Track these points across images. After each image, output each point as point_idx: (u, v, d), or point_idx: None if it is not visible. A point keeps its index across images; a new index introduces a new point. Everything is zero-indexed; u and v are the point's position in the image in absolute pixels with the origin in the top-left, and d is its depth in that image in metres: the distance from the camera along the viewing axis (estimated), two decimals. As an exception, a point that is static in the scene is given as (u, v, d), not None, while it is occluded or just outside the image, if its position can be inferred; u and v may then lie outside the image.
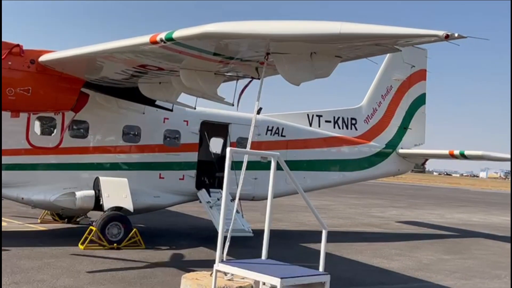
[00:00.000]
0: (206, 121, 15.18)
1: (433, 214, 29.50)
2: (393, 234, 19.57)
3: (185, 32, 7.94)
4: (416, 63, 20.26)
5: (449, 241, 18.74)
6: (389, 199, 39.85)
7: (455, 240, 19.00)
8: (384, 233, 19.55)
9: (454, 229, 22.46)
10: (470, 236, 20.57)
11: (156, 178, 14.25)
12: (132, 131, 14.04)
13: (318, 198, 31.47)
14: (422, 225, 23.28)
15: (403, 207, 33.06)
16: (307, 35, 7.17)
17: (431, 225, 23.38)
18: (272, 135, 16.34)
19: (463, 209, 36.17)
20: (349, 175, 18.45)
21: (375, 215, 26.26)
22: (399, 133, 19.99)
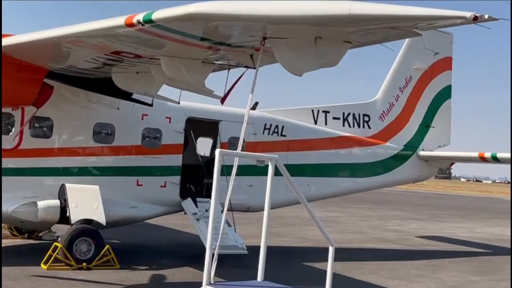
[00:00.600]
0: (192, 118, 15.18)
1: (460, 228, 29.55)
2: (412, 251, 19.59)
3: (166, 13, 7.90)
4: (440, 50, 20.31)
5: (479, 259, 18.78)
6: (408, 210, 39.90)
7: (486, 258, 19.04)
8: (402, 250, 19.57)
9: (484, 245, 22.51)
10: (503, 253, 20.60)
11: (133, 185, 14.24)
12: (104, 129, 14.02)
13: (325, 209, 31.49)
14: (446, 240, 23.32)
15: (425, 220, 33.10)
16: (311, 17, 7.16)
17: (457, 241, 23.42)
18: (270, 135, 16.35)
19: (495, 221, 36.26)
20: (361, 182, 18.48)
21: (391, 229, 26.28)
22: (420, 132, 20.04)
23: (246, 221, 19.41)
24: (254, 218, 17.12)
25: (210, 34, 8.48)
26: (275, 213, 23.26)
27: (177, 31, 8.37)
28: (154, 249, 15.95)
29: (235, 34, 8.35)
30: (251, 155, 9.69)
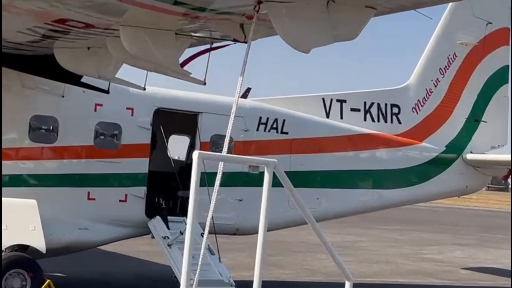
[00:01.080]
0: (162, 109, 15.20)
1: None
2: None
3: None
4: (494, 19, 20.38)
5: (545, 298, 18.84)
6: (451, 233, 39.98)
7: (555, 297, 19.10)
8: (445, 287, 19.60)
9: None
10: None
11: (82, 199, 14.25)
12: (44, 124, 14.03)
13: (340, 231, 31.53)
14: (503, 273, 23.38)
15: (474, 246, 33.19)
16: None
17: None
18: (267, 132, 16.37)
19: None
20: (389, 195, 18.51)
21: (429, 258, 26.33)
22: (467, 128, 20.11)
23: (235, 247, 19.39)
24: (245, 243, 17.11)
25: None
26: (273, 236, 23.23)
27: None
28: (111, 285, 15.92)
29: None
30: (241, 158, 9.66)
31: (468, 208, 77.57)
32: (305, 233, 24.56)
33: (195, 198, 6.64)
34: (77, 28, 10.49)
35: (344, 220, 25.34)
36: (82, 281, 15.95)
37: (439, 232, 39.62)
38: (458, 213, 63.86)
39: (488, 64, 20.54)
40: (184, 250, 6.76)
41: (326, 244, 7.40)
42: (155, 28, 9.84)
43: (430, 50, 19.97)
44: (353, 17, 8.24)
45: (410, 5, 8.25)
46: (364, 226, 36.99)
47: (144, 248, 19.98)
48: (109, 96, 14.12)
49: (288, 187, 7.12)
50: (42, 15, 10.01)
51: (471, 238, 37.51)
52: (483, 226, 48.70)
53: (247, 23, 9.11)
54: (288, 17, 8.19)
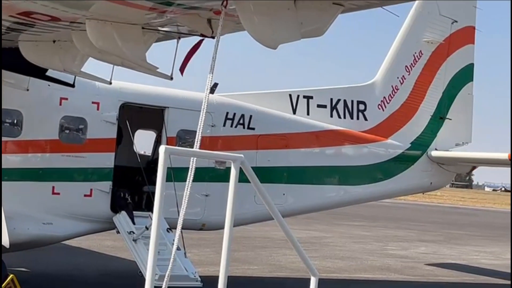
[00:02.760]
0: (128, 103, 15.15)
1: (484, 253, 30.01)
2: (422, 283, 19.82)
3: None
4: (460, 17, 20.57)
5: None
6: (415, 229, 40.35)
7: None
8: (408, 282, 19.78)
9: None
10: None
11: (46, 193, 14.17)
12: (8, 118, 13.91)
13: (306, 227, 31.65)
14: (466, 269, 23.66)
15: (438, 242, 33.51)
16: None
17: (480, 270, 23.77)
18: (233, 127, 16.38)
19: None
20: (354, 191, 18.63)
21: (393, 254, 26.56)
22: (432, 125, 20.29)
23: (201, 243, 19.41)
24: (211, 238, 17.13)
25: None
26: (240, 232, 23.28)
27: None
28: (76, 280, 15.84)
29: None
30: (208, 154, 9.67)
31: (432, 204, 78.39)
32: (271, 229, 24.66)
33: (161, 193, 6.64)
34: (43, 21, 10.41)
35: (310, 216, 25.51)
36: (47, 276, 15.84)
37: (404, 229, 39.96)
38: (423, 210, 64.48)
39: (453, 62, 20.72)
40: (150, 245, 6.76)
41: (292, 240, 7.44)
42: (122, 22, 9.80)
43: (396, 47, 20.10)
44: (320, 14, 8.27)
45: (377, 3, 8.31)
46: (330, 222, 37.18)
47: (109, 243, 19.92)
48: (74, 90, 14.04)
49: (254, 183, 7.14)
50: (7, 8, 9.91)
51: (436, 235, 37.87)
52: (447, 223, 49.21)
53: (215, 18, 9.10)
54: (256, 13, 8.20)
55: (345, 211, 30.34)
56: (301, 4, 8.02)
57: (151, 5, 9.01)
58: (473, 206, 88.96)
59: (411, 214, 55.70)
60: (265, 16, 8.18)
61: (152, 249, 6.71)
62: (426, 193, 22.27)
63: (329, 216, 36.30)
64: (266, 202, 7.34)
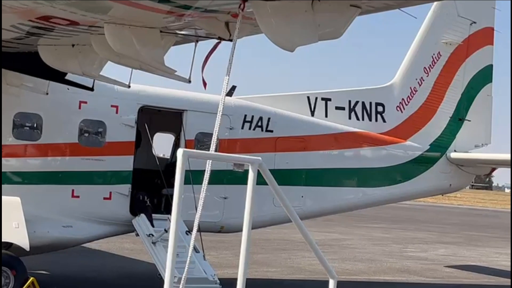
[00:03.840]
0: (147, 106, 15.18)
1: (504, 254, 29.75)
2: (441, 286, 19.72)
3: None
4: (478, 18, 20.46)
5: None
6: (435, 231, 40.18)
7: (537, 295, 19.23)
8: (428, 285, 19.69)
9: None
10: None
11: (66, 197, 14.22)
12: (28, 122, 13.99)
13: (325, 230, 31.60)
14: (485, 271, 23.51)
15: (457, 244, 33.33)
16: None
17: (500, 272, 23.61)
18: (252, 129, 16.39)
19: (551, 246, 36.59)
20: (373, 193, 18.58)
21: (413, 256, 26.44)
22: (451, 127, 20.19)
23: (219, 245, 19.42)
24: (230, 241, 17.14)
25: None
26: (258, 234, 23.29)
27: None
28: (96, 282, 15.90)
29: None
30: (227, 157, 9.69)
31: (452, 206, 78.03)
32: (290, 231, 24.62)
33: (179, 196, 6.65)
34: (62, 26, 10.46)
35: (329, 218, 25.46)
36: (66, 279, 15.91)
37: (423, 230, 39.78)
38: (442, 211, 64.19)
39: (472, 63, 20.61)
40: (168, 248, 6.78)
41: (310, 242, 7.43)
42: (140, 26, 9.84)
43: (414, 49, 20.02)
44: (338, 16, 8.26)
45: (395, 4, 8.28)
46: (349, 224, 37.10)
47: (128, 245, 19.97)
48: (93, 94, 14.12)
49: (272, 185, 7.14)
50: (26, 12, 9.98)
51: (455, 236, 37.69)
52: (467, 225, 48.98)
53: (232, 21, 9.13)
54: (273, 16, 8.20)
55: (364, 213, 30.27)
56: (318, 6, 8.01)
57: (169, 9, 9.04)
58: (493, 208, 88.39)
59: (430, 216, 55.46)
60: (282, 18, 8.18)
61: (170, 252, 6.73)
62: (445, 195, 22.17)
63: (348, 218, 36.25)
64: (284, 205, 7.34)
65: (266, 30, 8.39)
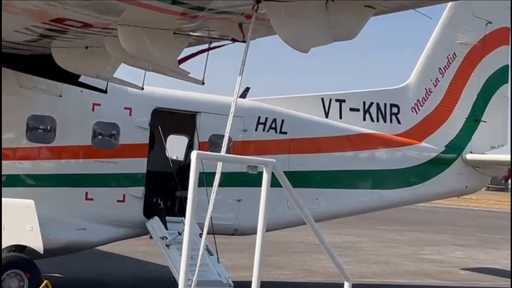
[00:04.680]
0: (160, 108, 15.21)
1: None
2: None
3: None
4: (494, 18, 20.40)
5: (545, 299, 18.85)
6: (451, 233, 40.01)
7: (555, 298, 19.12)
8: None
9: (553, 281, 22.60)
10: None
11: (80, 199, 14.26)
12: (41, 124, 14.03)
13: (339, 232, 31.54)
14: (503, 274, 23.40)
15: (473, 246, 33.22)
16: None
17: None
18: (265, 131, 16.39)
19: None
20: (388, 195, 18.53)
21: (428, 259, 26.35)
22: (467, 128, 20.12)
23: (233, 248, 19.41)
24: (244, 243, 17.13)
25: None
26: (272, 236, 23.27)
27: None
28: (109, 285, 15.93)
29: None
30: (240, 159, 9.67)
31: (468, 208, 77.60)
32: (304, 234, 24.59)
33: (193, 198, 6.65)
34: (75, 28, 10.49)
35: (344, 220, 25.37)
36: (80, 281, 15.95)
37: (438, 233, 39.65)
38: (458, 214, 63.91)
39: (488, 63, 20.54)
40: (182, 250, 6.77)
41: (325, 245, 7.41)
42: (153, 28, 9.86)
43: (429, 49, 19.98)
44: (352, 16, 8.24)
45: (409, 5, 8.25)
46: (364, 226, 37.02)
47: (142, 248, 20.00)
48: (107, 96, 14.14)
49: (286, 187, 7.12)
50: (39, 14, 10.02)
51: (471, 239, 37.54)
52: (483, 227, 48.73)
53: (246, 23, 9.12)
54: (287, 17, 8.20)
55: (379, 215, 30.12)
56: (332, 6, 7.99)
57: (182, 11, 9.06)
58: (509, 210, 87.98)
59: (446, 218, 55.24)
60: (296, 19, 8.17)
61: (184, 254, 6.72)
62: (461, 196, 22.09)
63: (363, 220, 36.15)
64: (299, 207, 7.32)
65: (280, 31, 8.39)
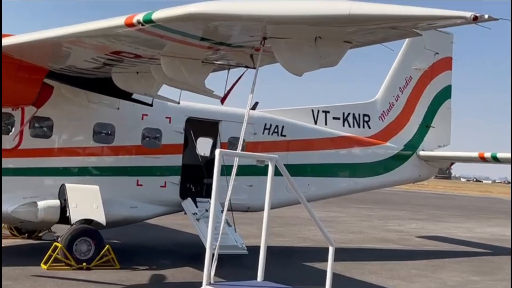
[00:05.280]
0: (192, 118, 15.19)
1: (460, 228, 29.55)
2: (413, 251, 19.60)
3: (167, 13, 7.92)
4: (440, 50, 20.32)
5: (479, 259, 18.78)
6: (408, 210, 39.91)
7: (486, 258, 19.04)
8: (403, 250, 19.57)
9: (484, 246, 22.51)
10: (504, 253, 20.59)
11: (133, 185, 14.25)
12: (104, 129, 14.03)
13: (325, 209, 31.49)
14: (447, 240, 23.32)
15: (425, 220, 33.11)
16: (311, 17, 7.17)
17: (457, 241, 23.41)
18: (270, 135, 16.36)
19: (496, 221, 36.26)
20: (361, 182, 18.48)
21: (391, 229, 26.27)
22: (420, 132, 20.05)
23: (246, 221, 19.43)
24: (254, 218, 17.14)
25: (210, 34, 8.49)
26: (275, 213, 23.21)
27: (177, 31, 8.38)
28: (154, 249, 15.96)
29: (235, 34, 8.36)
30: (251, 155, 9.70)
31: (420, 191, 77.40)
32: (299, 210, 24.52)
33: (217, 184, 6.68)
34: (129, 58, 10.53)
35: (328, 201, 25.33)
36: (132, 246, 15.99)
37: (399, 210, 39.56)
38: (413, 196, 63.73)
39: (435, 84, 20.51)
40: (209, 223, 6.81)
41: (314, 218, 7.42)
42: (187, 58, 9.89)
43: (392, 73, 19.95)
44: (334, 49, 8.25)
45: (377, 40, 8.25)
46: (344, 205, 36.96)
47: (178, 221, 20.02)
48: (152, 108, 14.16)
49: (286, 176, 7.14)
50: (102, 48, 10.06)
51: (423, 214, 37.44)
52: (432, 205, 48.62)
53: (255, 54, 9.15)
54: (286, 50, 8.21)
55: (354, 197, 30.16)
56: (319, 42, 8.02)
57: (208, 45, 9.10)
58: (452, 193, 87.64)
59: (404, 199, 55.12)
60: (293, 51, 8.19)
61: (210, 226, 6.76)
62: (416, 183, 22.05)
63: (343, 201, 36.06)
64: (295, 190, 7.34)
65: (281, 60, 8.41)
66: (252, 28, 7.94)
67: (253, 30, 7.99)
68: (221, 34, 8.45)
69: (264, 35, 8.05)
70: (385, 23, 7.27)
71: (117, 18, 8.69)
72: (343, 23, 7.20)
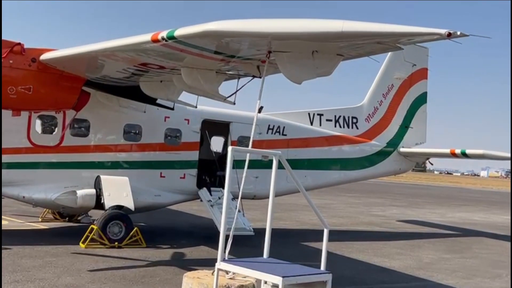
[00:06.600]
0: (207, 119, 15.18)
1: (434, 213, 29.49)
2: (394, 233, 19.57)
3: (187, 31, 7.96)
4: (417, 62, 20.26)
5: (450, 240, 18.73)
6: (390, 198, 39.84)
7: (456, 239, 18.99)
8: (385, 232, 19.55)
9: (455, 228, 22.45)
10: (471, 235, 20.57)
11: (157, 176, 14.25)
12: (133, 129, 14.04)
13: (319, 197, 31.47)
14: (423, 224, 23.27)
15: (404, 206, 33.05)
16: (309, 34, 7.18)
17: (432, 224, 23.37)
18: (273, 134, 16.34)
19: (464, 208, 36.16)
20: (350, 174, 18.45)
21: (376, 214, 26.25)
22: (400, 132, 19.99)
23: (253, 207, 19.43)
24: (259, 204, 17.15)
25: (223, 48, 8.49)
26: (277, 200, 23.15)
27: (195, 46, 8.40)
28: (175, 231, 15.98)
29: (244, 48, 8.36)
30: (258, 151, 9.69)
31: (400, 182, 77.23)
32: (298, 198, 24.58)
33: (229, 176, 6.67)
34: (154, 69, 10.55)
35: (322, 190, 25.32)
36: (157, 228, 16.02)
37: (382, 198, 39.49)
38: (394, 186, 63.60)
39: (414, 91, 20.44)
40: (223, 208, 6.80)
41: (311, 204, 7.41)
42: (203, 69, 9.90)
43: (376, 81, 19.89)
44: (328, 61, 8.24)
45: (365, 54, 8.24)
46: (335, 194, 36.93)
47: (195, 207, 20.05)
48: (173, 112, 14.18)
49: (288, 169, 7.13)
50: (131, 60, 10.08)
51: (403, 202, 37.36)
52: (410, 194, 48.52)
53: (262, 65, 9.14)
54: (288, 62, 8.21)
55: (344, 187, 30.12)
56: (316, 55, 8.02)
57: (221, 58, 9.10)
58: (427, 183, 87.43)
59: (387, 188, 55.03)
60: (294, 63, 8.19)
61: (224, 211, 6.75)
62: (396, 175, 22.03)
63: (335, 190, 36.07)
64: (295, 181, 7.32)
65: (283, 71, 8.40)
66: (259, 43, 7.94)
67: (259, 45, 8.00)
68: (232, 48, 8.45)
69: (269, 49, 8.05)
70: (372, 39, 7.27)
71: (144, 35, 8.72)
72: (336, 39, 7.21)
